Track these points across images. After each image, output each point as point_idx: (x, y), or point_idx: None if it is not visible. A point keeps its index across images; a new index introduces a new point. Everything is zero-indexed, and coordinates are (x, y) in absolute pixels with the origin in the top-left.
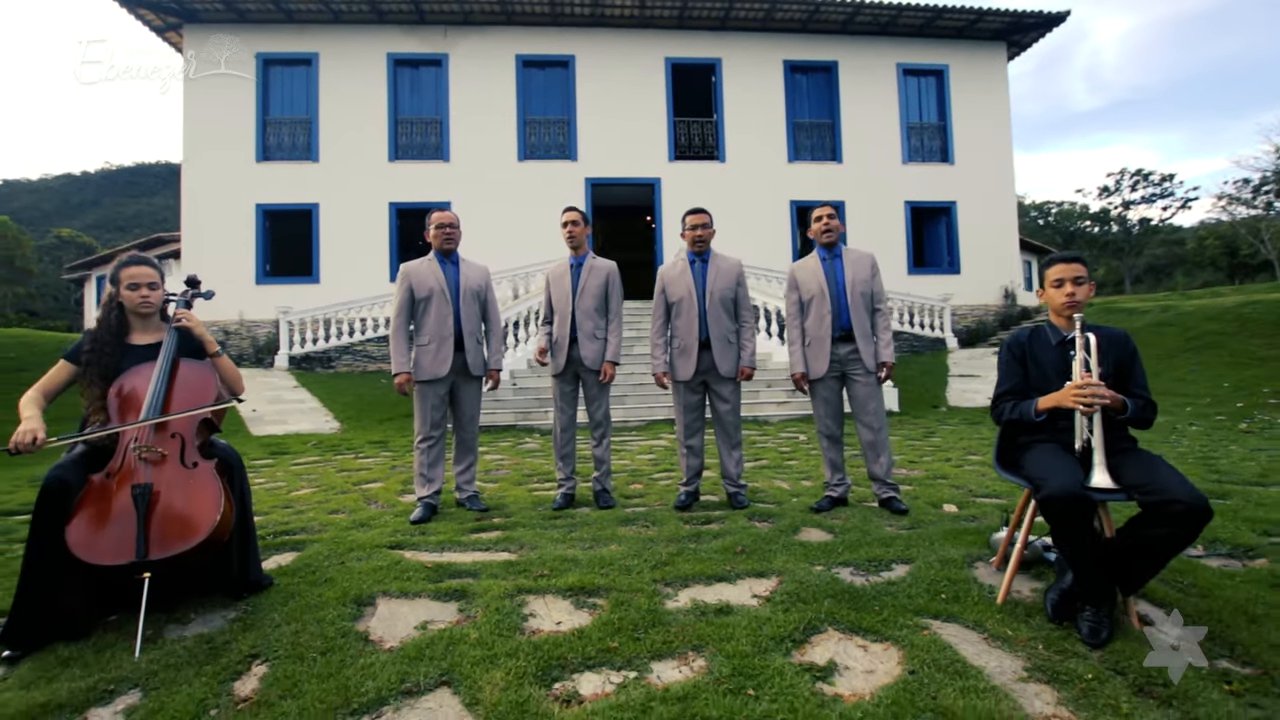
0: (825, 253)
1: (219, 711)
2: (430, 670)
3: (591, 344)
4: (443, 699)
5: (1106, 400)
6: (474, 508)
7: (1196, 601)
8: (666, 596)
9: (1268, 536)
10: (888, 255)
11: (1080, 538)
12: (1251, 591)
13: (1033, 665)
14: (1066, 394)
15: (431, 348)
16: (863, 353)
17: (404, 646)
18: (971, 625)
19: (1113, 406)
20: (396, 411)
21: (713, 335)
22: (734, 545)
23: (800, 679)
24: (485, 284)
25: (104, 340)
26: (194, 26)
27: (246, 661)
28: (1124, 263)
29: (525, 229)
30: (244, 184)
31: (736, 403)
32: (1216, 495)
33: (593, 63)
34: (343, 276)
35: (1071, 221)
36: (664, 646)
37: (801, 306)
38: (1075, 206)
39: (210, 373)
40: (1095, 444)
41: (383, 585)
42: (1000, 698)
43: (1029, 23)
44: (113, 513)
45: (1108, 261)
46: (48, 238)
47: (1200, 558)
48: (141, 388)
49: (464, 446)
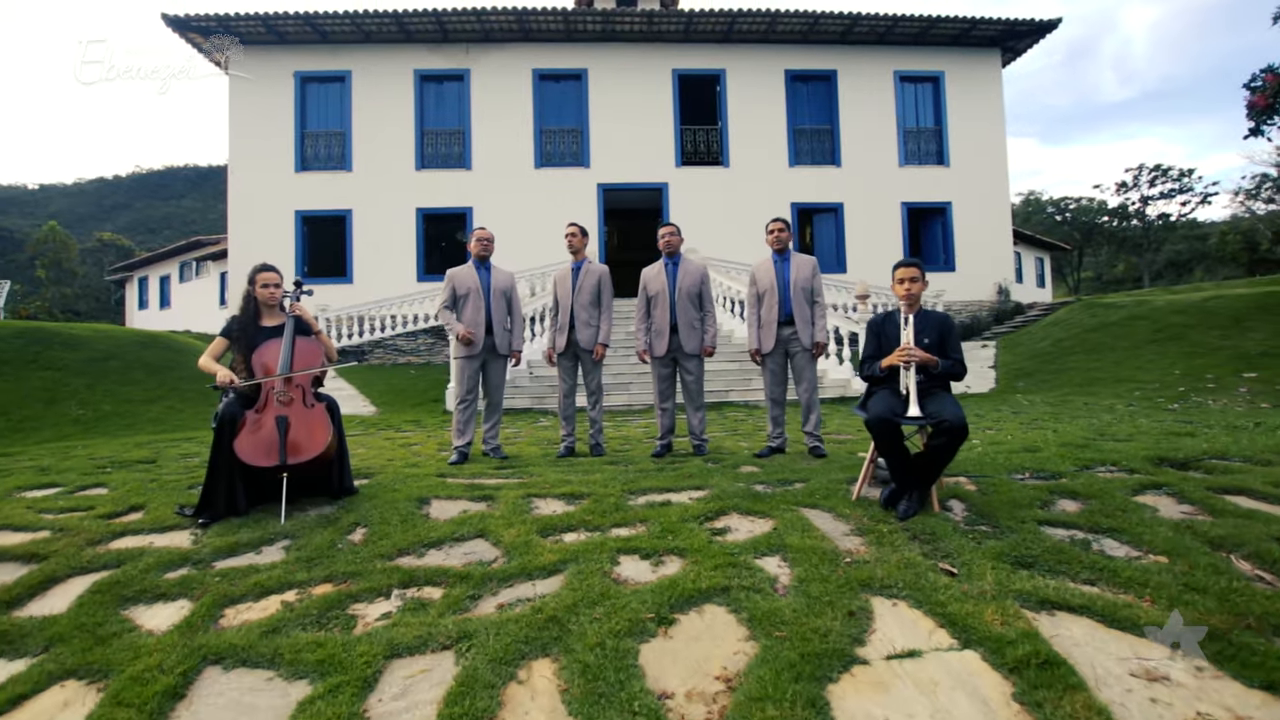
0: (777, 256)
1: (343, 546)
2: (470, 530)
3: (586, 330)
4: (478, 543)
5: (918, 358)
6: (497, 456)
7: (989, 498)
8: (629, 498)
9: (1084, 469)
10: (884, 254)
11: (892, 448)
12: (1028, 494)
13: (855, 528)
14: (895, 355)
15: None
16: (801, 334)
17: (452, 519)
18: (827, 510)
19: (927, 363)
20: (425, 398)
21: (680, 322)
22: (685, 473)
23: (703, 532)
24: (511, 285)
25: (245, 322)
26: (238, 48)
27: (352, 527)
28: (1143, 259)
29: (542, 232)
30: (284, 192)
31: (700, 375)
32: (1078, 445)
33: (604, 75)
34: (374, 277)
35: (1090, 217)
36: (622, 520)
37: (758, 298)
38: (1093, 202)
39: (318, 345)
40: (911, 389)
41: (434, 493)
42: (824, 539)
43: (1021, 30)
44: (263, 434)
45: (1126, 258)
46: (90, 240)
47: (1020, 478)
48: (274, 355)
49: (492, 408)
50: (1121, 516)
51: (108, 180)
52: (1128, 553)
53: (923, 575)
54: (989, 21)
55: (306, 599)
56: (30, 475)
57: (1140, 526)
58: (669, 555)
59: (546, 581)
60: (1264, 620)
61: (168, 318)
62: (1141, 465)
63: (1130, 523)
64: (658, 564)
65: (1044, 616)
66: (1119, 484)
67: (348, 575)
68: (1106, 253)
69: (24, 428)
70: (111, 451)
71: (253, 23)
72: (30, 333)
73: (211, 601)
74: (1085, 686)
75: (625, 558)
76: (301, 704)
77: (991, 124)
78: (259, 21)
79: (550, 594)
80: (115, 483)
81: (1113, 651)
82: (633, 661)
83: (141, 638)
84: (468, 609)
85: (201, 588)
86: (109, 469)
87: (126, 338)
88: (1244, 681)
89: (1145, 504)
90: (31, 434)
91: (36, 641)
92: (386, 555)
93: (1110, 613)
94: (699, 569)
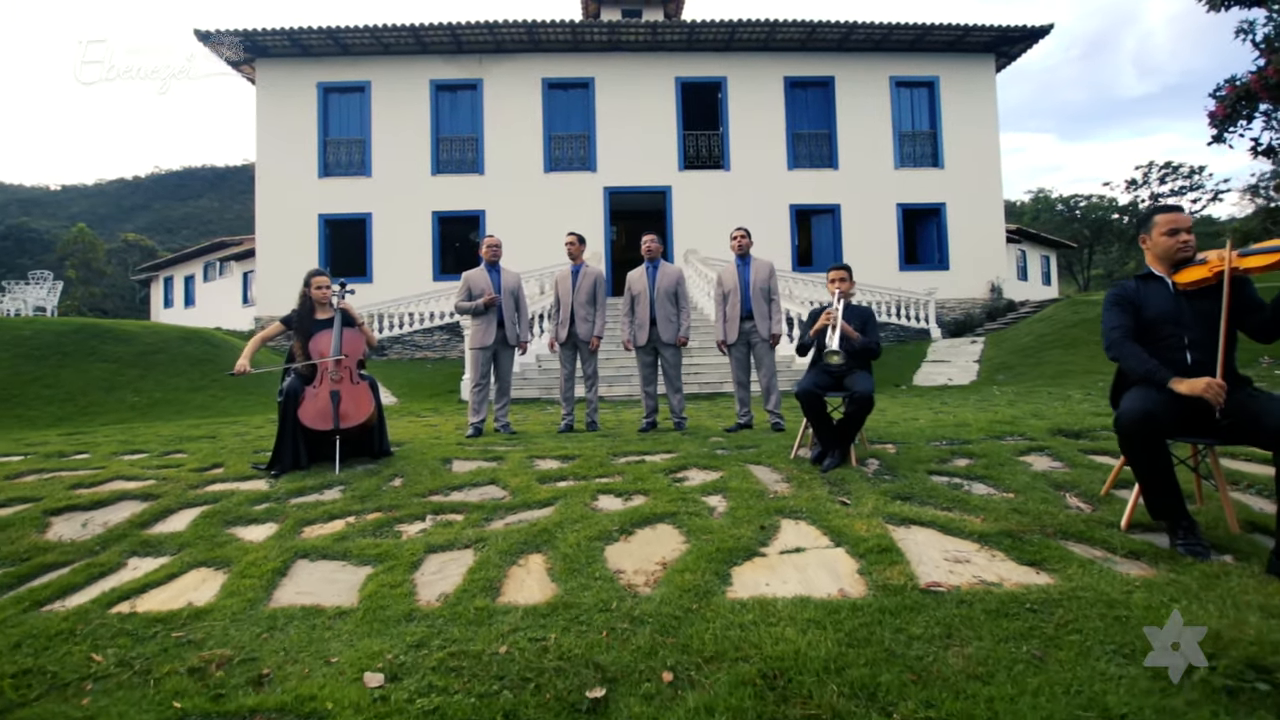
0: (740, 260)
1: (386, 489)
2: (483, 478)
3: (584, 324)
4: (490, 487)
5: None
6: (506, 431)
7: (900, 457)
8: (612, 459)
9: (993, 438)
10: (880, 253)
11: (816, 415)
12: (933, 454)
13: (784, 477)
14: (822, 318)
15: (482, 325)
16: (759, 327)
17: (470, 472)
18: (768, 466)
19: (849, 336)
20: (441, 389)
21: (658, 316)
22: (662, 442)
23: (666, 480)
24: (518, 285)
25: (302, 315)
26: (264, 60)
27: (391, 476)
28: None
29: (550, 233)
30: (308, 197)
31: (677, 362)
32: (1004, 422)
33: (610, 83)
34: (392, 276)
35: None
36: (604, 473)
37: (724, 297)
38: (1103, 200)
39: (360, 334)
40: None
41: (454, 455)
42: (758, 484)
43: (1014, 35)
44: (320, 404)
45: (1138, 255)
46: (115, 241)
47: (935, 444)
48: (327, 341)
49: (501, 391)
50: (998, 470)
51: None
52: (987, 491)
53: (823, 504)
54: (982, 28)
55: (363, 521)
56: (116, 446)
57: (1007, 476)
58: (636, 494)
59: (541, 511)
60: (1056, 529)
61: (192, 316)
62: (1040, 435)
63: (1001, 474)
64: (627, 500)
65: (900, 529)
66: (1010, 448)
67: (392, 507)
68: (1118, 250)
69: (89, 411)
70: (172, 432)
71: (278, 37)
72: (88, 328)
73: (293, 523)
74: (906, 562)
75: (603, 496)
76: (368, 578)
77: (985, 127)
78: (284, 36)
79: (543, 517)
80: (192, 450)
81: (937, 546)
82: (599, 555)
83: (246, 544)
84: (482, 526)
85: (283, 515)
86: (181, 442)
87: (171, 333)
88: (1017, 561)
89: (1023, 461)
90: (96, 417)
91: (170, 546)
92: (420, 494)
93: (948, 525)
94: (657, 501)
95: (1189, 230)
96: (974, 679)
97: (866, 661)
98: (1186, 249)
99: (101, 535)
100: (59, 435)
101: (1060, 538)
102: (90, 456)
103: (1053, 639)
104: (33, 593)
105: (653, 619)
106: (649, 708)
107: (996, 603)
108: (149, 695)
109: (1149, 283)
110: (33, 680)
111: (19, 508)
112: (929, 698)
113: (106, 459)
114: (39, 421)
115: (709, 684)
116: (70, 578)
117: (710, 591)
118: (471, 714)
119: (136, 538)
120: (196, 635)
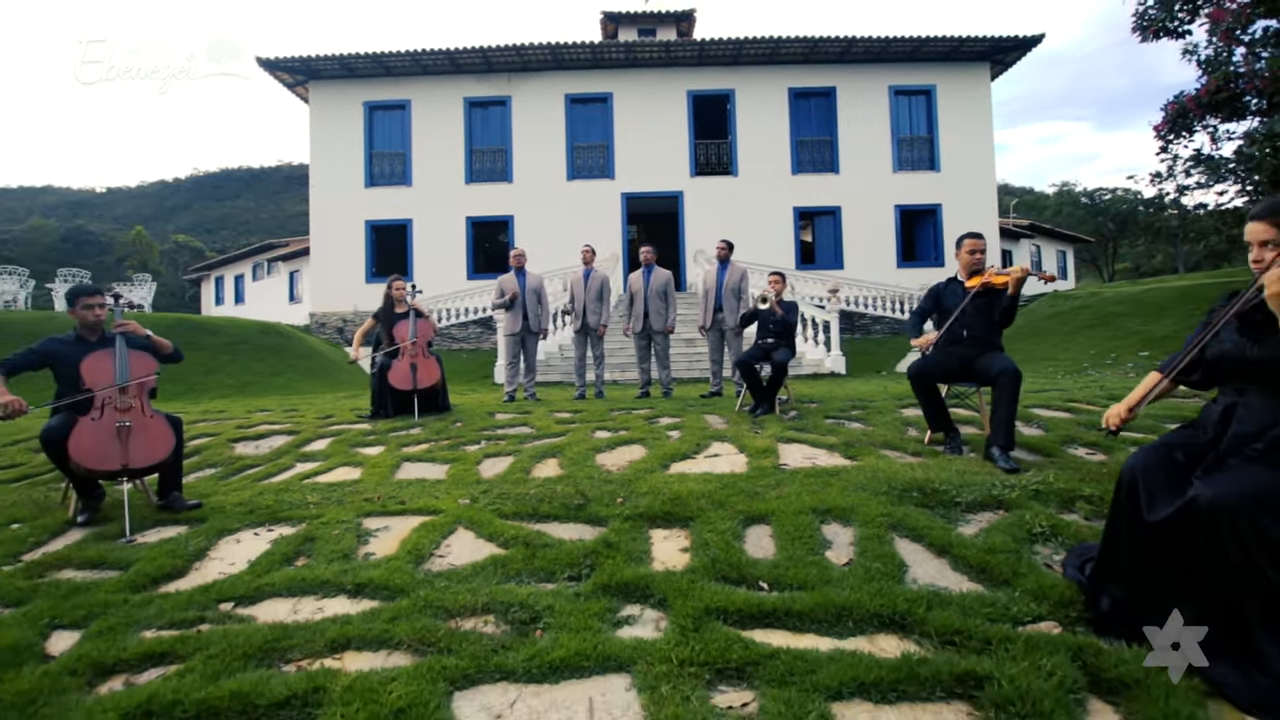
0: (720, 265)
1: (453, 427)
2: (517, 422)
3: (593, 317)
4: (522, 428)
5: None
6: (533, 399)
7: (814, 409)
8: (610, 413)
9: (895, 400)
10: (879, 252)
11: (750, 378)
12: (837, 406)
13: (726, 421)
14: (759, 305)
15: (511, 316)
16: (727, 318)
17: (507, 419)
18: (718, 415)
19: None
20: (476, 375)
21: (650, 310)
22: (648, 404)
23: (645, 423)
24: (540, 285)
25: (386, 310)
26: (317, 82)
27: (454, 420)
28: (1179, 249)
29: (573, 236)
30: (356, 205)
31: (665, 345)
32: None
33: (627, 97)
34: (431, 276)
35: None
36: (601, 420)
37: (705, 293)
38: (1128, 193)
39: (429, 323)
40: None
41: (495, 411)
42: (707, 424)
43: (1007, 45)
44: (403, 372)
45: (1164, 249)
46: (167, 242)
47: (846, 402)
48: (405, 330)
49: (529, 369)
50: (875, 415)
51: (168, 182)
52: (859, 427)
53: (743, 434)
54: (976, 39)
55: (438, 445)
56: (241, 412)
57: (877, 418)
58: (622, 430)
59: (556, 439)
60: (882, 442)
61: (242, 312)
62: None
63: (876, 419)
64: (615, 434)
65: (784, 445)
66: (896, 403)
67: (458, 436)
68: (1144, 243)
69: (195, 390)
70: (273, 404)
71: (330, 62)
72: (185, 322)
73: (395, 444)
74: (777, 457)
75: (599, 431)
76: (449, 472)
77: (980, 131)
78: (335, 61)
79: (558, 442)
80: (304, 409)
81: (802, 452)
82: (591, 458)
83: (369, 456)
84: (518, 446)
85: (387, 441)
86: (290, 408)
87: (250, 326)
88: (843, 456)
89: (900, 413)
90: (202, 395)
91: (319, 457)
92: (475, 430)
93: (815, 442)
94: (633, 433)
95: (982, 251)
96: (778, 499)
97: (726, 493)
98: (976, 262)
99: (270, 453)
100: (185, 405)
101: (882, 447)
102: (231, 415)
103: (830, 484)
104: (248, 476)
105: (616, 480)
106: (607, 509)
107: (814, 472)
108: (346, 509)
109: (951, 284)
110: (278, 509)
111: (206, 439)
112: (748, 506)
113: (245, 415)
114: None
115: (639, 502)
116: (267, 470)
117: (653, 471)
118: (516, 508)
119: (295, 453)
120: (360, 490)
